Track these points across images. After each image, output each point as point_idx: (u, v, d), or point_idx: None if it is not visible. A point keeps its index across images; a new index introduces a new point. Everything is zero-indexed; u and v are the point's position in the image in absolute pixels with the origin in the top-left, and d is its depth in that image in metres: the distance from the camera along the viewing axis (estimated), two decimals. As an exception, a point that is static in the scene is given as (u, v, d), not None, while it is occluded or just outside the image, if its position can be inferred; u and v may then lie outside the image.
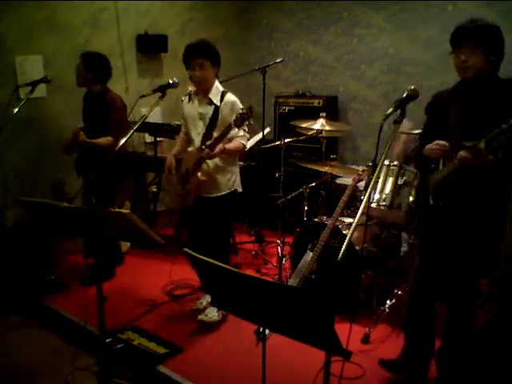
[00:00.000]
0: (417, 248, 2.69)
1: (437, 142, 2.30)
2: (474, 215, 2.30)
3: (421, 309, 2.58)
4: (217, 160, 3.14)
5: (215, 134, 3.03)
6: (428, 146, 2.35)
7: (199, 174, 3.11)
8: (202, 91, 3.17)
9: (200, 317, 3.26)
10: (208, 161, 3.12)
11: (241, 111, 2.86)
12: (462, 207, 2.30)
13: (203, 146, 3.03)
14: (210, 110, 3.13)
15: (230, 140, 3.10)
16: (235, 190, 3.28)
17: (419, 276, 2.56)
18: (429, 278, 2.53)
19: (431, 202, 2.34)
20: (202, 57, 3.05)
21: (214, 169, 3.18)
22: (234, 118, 2.88)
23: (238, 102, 3.16)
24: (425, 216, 2.46)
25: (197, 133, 3.20)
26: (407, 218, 2.60)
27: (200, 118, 3.18)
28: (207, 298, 3.40)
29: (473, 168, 2.12)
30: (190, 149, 3.29)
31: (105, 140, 3.58)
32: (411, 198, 2.58)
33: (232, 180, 3.26)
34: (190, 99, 3.26)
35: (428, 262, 2.52)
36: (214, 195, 3.23)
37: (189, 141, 3.33)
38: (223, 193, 3.23)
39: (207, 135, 3.11)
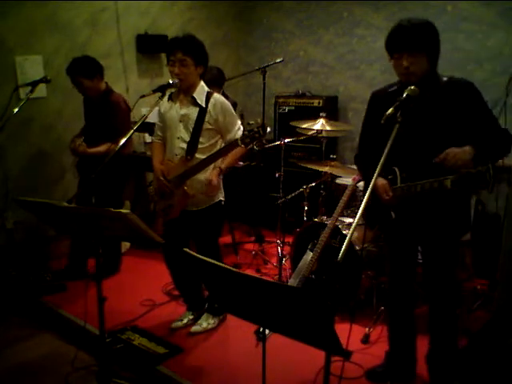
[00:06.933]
0: (386, 253, 2.65)
1: (384, 189, 2.22)
2: (434, 224, 2.27)
3: (399, 308, 2.58)
4: (207, 174, 2.88)
5: (201, 140, 2.83)
6: (379, 189, 2.22)
7: (186, 188, 2.85)
8: (184, 90, 2.87)
9: (194, 328, 3.12)
10: (199, 176, 2.86)
11: (253, 129, 2.56)
12: (420, 220, 2.28)
13: (188, 157, 2.81)
14: (194, 111, 2.83)
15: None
16: (220, 200, 3.04)
17: (392, 277, 2.56)
18: (402, 279, 2.52)
19: (393, 216, 2.27)
20: (183, 52, 2.72)
21: (204, 183, 2.90)
22: (240, 135, 2.67)
23: (228, 102, 2.92)
24: (385, 225, 2.42)
25: (176, 137, 2.88)
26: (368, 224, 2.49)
27: (181, 120, 2.86)
28: (188, 316, 3.25)
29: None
30: (168, 158, 2.97)
31: (103, 148, 3.59)
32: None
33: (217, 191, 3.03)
34: (169, 98, 2.94)
35: (398, 264, 2.51)
36: (199, 208, 2.98)
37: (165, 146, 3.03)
38: (208, 205, 2.99)
39: (193, 142, 2.84)
